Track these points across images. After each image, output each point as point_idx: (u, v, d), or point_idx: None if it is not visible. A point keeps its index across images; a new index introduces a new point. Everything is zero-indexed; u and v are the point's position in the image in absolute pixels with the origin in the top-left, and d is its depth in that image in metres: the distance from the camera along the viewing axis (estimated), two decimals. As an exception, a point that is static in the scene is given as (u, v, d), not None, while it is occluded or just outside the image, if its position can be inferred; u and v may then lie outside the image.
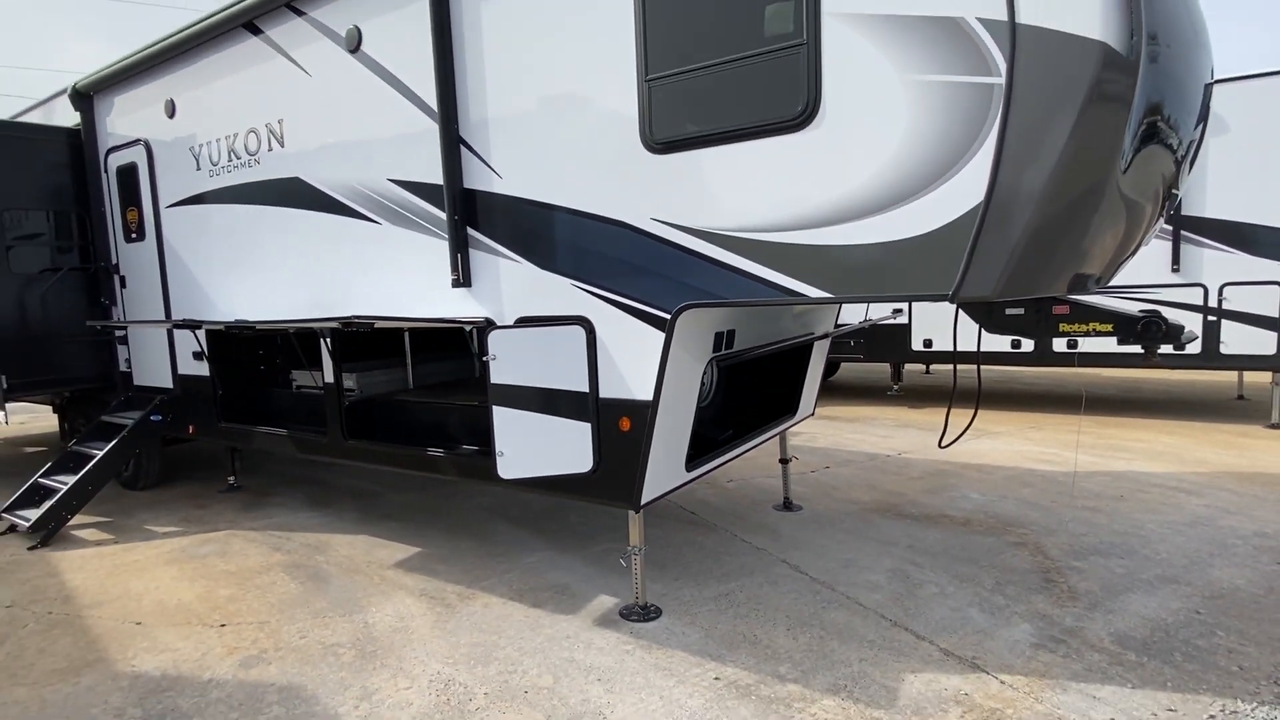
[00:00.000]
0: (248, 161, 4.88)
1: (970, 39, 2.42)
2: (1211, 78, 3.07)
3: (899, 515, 5.25)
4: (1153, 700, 2.90)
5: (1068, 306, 7.06)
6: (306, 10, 4.36)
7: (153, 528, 5.54)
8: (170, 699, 3.13)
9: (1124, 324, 3.76)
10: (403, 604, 4.00)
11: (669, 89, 3.08)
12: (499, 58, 3.62)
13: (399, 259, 4.18)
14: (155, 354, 6.00)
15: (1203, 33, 2.90)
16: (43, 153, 6.18)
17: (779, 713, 2.90)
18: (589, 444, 3.51)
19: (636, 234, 3.27)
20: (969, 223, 2.51)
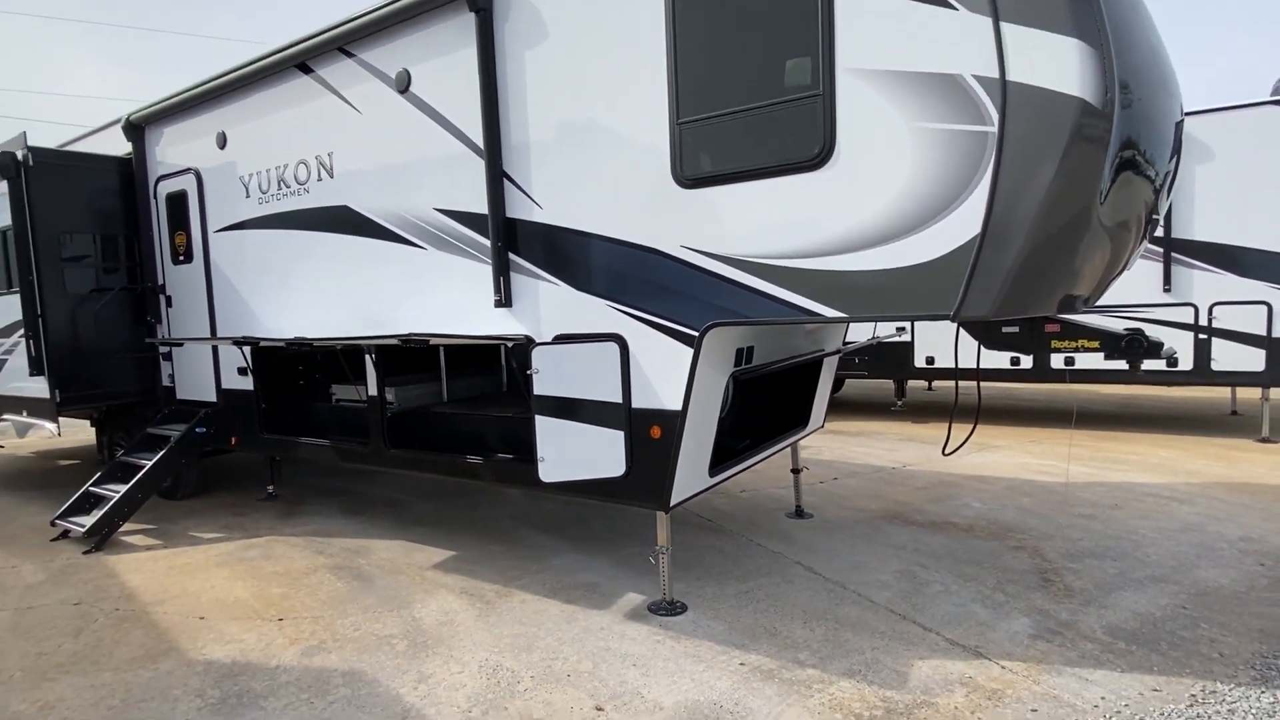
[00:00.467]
0: (297, 190, 5.25)
1: (967, 93, 2.78)
2: (1181, 116, 3.45)
3: (905, 522, 5.55)
4: (1139, 682, 3.20)
5: (1059, 325, 7.41)
6: (358, 53, 4.76)
7: (197, 534, 5.85)
8: (243, 682, 3.43)
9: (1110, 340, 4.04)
10: (445, 601, 4.30)
11: (698, 131, 3.45)
12: (540, 100, 3.99)
13: (442, 281, 4.54)
14: (200, 369, 6.34)
15: (1170, 79, 3.28)
16: (95, 180, 6.57)
17: (800, 693, 3.19)
18: (622, 450, 3.83)
19: (668, 259, 3.62)
20: (968, 251, 2.86)
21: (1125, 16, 2.88)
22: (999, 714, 2.99)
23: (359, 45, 4.72)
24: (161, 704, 3.26)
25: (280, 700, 3.25)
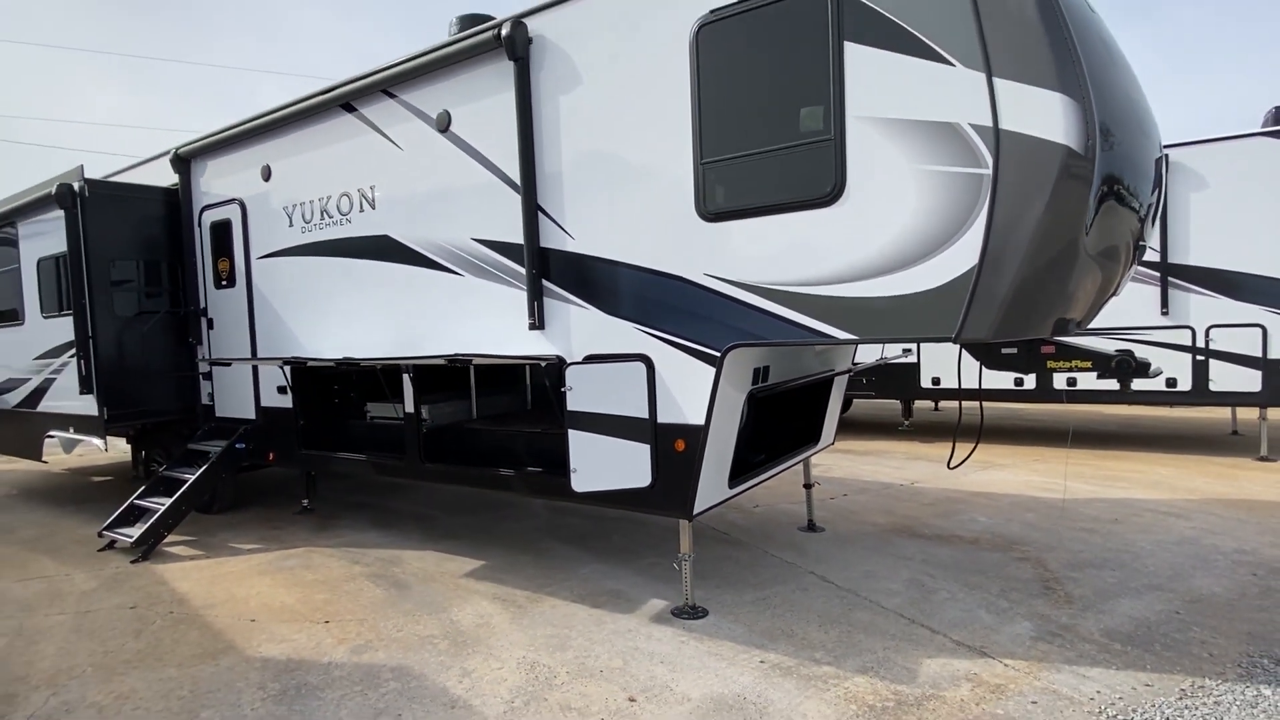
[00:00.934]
0: (340, 220, 5.61)
1: (964, 139, 3.11)
2: (1160, 153, 3.78)
3: (913, 535, 5.80)
4: (1133, 678, 3.44)
5: (1054, 347, 7.70)
6: (400, 95, 5.14)
7: (237, 545, 6.13)
8: (300, 676, 3.70)
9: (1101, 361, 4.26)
10: (480, 605, 4.57)
11: (720, 169, 3.79)
12: (572, 139, 4.35)
13: (478, 305, 4.87)
14: (239, 388, 6.68)
15: (1148, 122, 3.61)
16: (143, 209, 6.96)
17: (817, 687, 3.44)
18: (648, 462, 4.12)
19: (691, 286, 3.94)
20: (967, 280, 3.17)
21: (1104, 70, 3.22)
22: (1002, 706, 3.23)
23: (402, 88, 5.11)
24: (227, 694, 3.53)
25: (336, 692, 3.52)
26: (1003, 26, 3.03)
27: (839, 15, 3.35)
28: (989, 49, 3.04)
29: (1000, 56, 3.03)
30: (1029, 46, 2.99)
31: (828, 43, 3.39)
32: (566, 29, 4.30)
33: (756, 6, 3.57)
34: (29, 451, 7.82)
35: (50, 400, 7.34)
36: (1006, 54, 3.02)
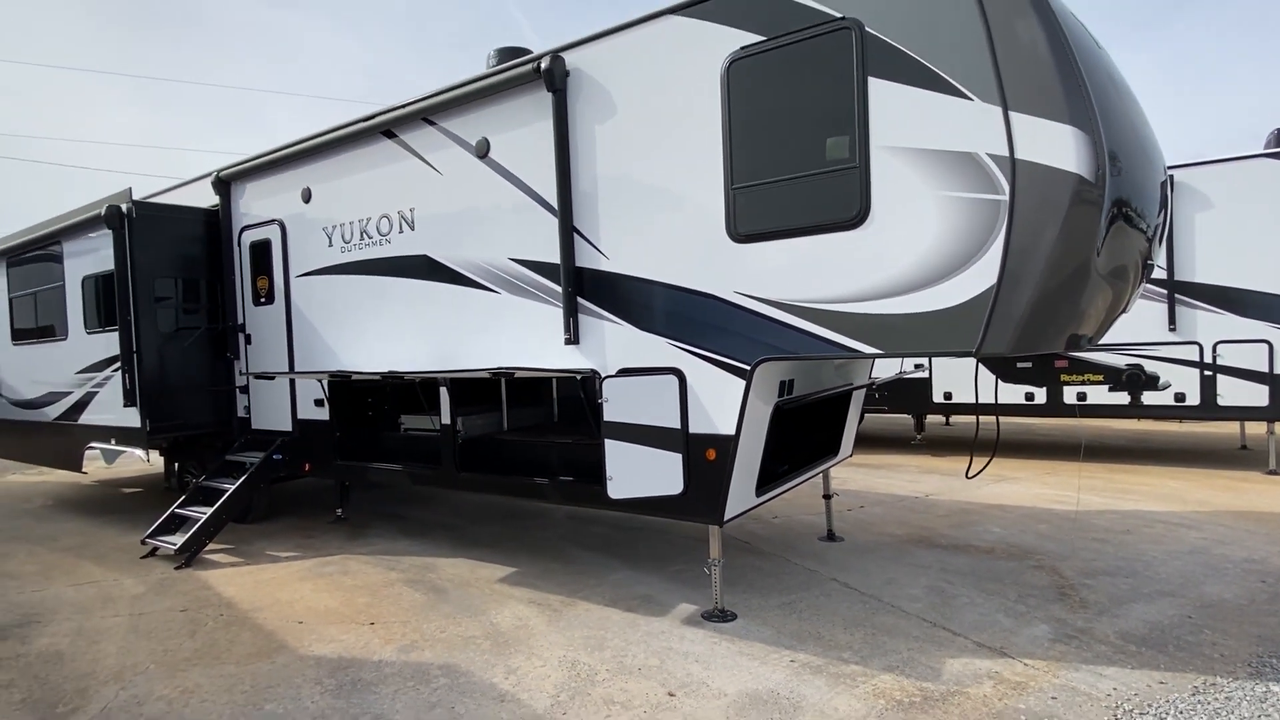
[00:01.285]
0: (379, 240, 5.88)
1: (982, 168, 3.35)
2: (1165, 176, 4.01)
3: (930, 545, 5.97)
4: (1148, 676, 3.61)
5: (1067, 361, 7.89)
6: (440, 123, 5.42)
7: (274, 553, 6.34)
8: (353, 673, 3.90)
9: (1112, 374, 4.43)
10: (516, 609, 4.77)
11: (750, 194, 4.03)
12: (607, 165, 4.60)
13: (514, 321, 5.11)
14: (276, 401, 6.92)
15: (1152, 148, 3.85)
16: (185, 229, 7.25)
17: (846, 684, 3.62)
18: (680, 470, 4.33)
19: (722, 303, 4.17)
20: (986, 298, 3.39)
21: (1112, 103, 3.46)
22: (1024, 701, 3.41)
23: (442, 116, 5.39)
24: (287, 689, 3.73)
25: (390, 687, 3.72)
26: (1017, 64, 3.27)
27: (863, 52, 3.61)
28: (1004, 85, 3.28)
29: (1015, 91, 3.27)
30: (1042, 82, 3.23)
31: (852, 78, 3.64)
32: (603, 62, 4.57)
33: (785, 44, 3.83)
34: (69, 463, 8.07)
35: (91, 413, 7.60)
36: (1021, 89, 3.26)
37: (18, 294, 8.81)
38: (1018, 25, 3.27)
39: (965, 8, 3.36)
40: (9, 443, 9.48)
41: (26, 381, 8.80)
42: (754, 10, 3.93)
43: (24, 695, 3.78)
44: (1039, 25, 3.24)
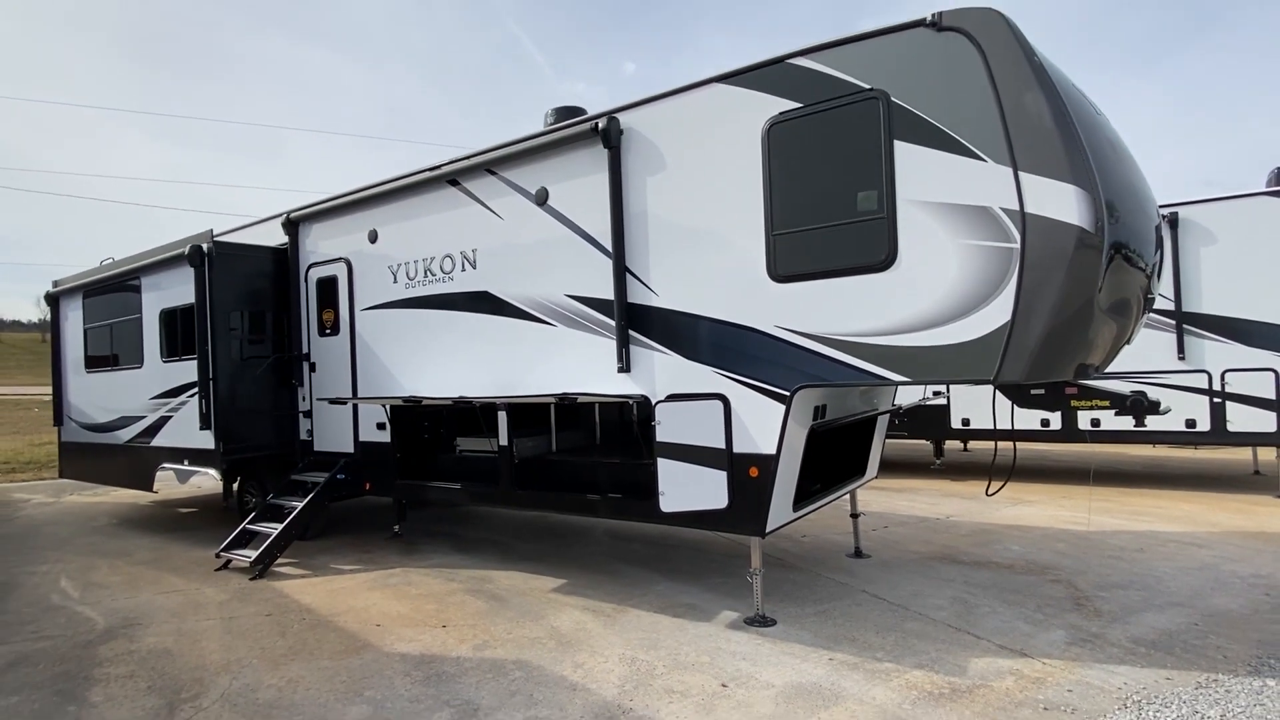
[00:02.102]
0: (442, 278, 6.45)
1: (996, 220, 3.85)
2: (1158, 220, 4.49)
3: (953, 561, 6.35)
4: (1156, 674, 3.99)
5: (1076, 388, 8.29)
6: (501, 173, 6.02)
7: (338, 566, 6.83)
8: (436, 667, 4.35)
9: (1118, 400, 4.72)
10: (573, 615, 5.21)
11: (789, 239, 4.55)
12: (658, 213, 5.15)
13: (569, 351, 5.63)
14: (338, 425, 7.46)
15: (1146, 198, 4.34)
16: (256, 266, 7.88)
17: (881, 678, 4.03)
18: (725, 486, 4.79)
19: (764, 336, 4.67)
20: (1002, 333, 3.86)
21: (1109, 162, 3.96)
22: (1042, 693, 3.80)
23: (503, 167, 5.99)
24: (380, 679, 4.19)
25: (472, 678, 4.17)
26: (1025, 131, 3.79)
27: (889, 119, 4.14)
28: (1015, 149, 3.79)
29: (1024, 155, 3.78)
30: (1047, 147, 3.74)
31: (880, 140, 4.17)
32: (654, 123, 5.15)
33: (820, 110, 4.38)
34: (141, 482, 8.63)
35: (165, 436, 8.18)
36: (1029, 153, 3.77)
37: (93, 325, 9.47)
38: (1026, 98, 3.79)
39: (979, 83, 3.89)
40: (80, 464, 10.08)
41: (99, 407, 9.42)
42: (792, 81, 4.50)
43: (148, 683, 4.26)
44: (1044, 98, 3.76)
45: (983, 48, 3.89)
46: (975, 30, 3.91)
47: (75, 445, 10.02)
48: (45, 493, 12.60)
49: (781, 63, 4.55)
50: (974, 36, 3.91)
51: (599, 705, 3.78)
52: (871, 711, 3.65)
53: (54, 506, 11.07)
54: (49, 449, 18.63)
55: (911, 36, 4.11)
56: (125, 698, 4.07)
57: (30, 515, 10.33)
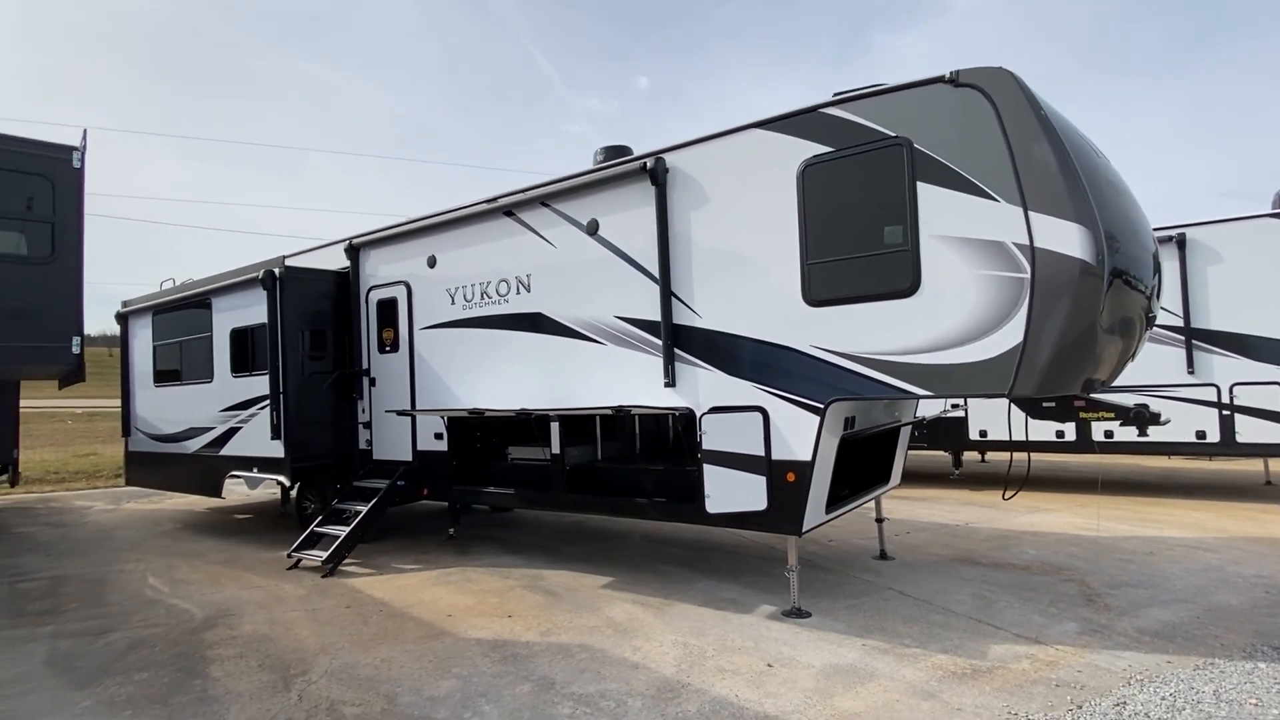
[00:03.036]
0: (498, 300, 7.05)
1: (1009, 253, 4.37)
2: (1155, 247, 4.99)
3: (973, 563, 6.81)
4: (1158, 658, 4.44)
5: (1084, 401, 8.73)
6: (554, 205, 6.61)
7: (399, 566, 7.39)
8: (510, 649, 4.89)
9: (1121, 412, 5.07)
10: (624, 608, 5.72)
11: (822, 268, 5.09)
12: (701, 242, 5.71)
13: (617, 367, 6.18)
14: (397, 435, 8.05)
15: (1143, 229, 4.84)
16: (320, 288, 8.52)
17: (910, 661, 4.51)
18: (764, 490, 5.31)
19: (800, 354, 5.20)
20: (1015, 352, 4.37)
21: (1109, 199, 4.47)
22: (1055, 673, 4.27)
23: (557, 200, 6.58)
24: (462, 660, 4.73)
25: (544, 658, 4.69)
26: (1034, 175, 4.31)
27: (912, 163, 4.69)
28: (1024, 191, 4.32)
29: (1033, 196, 4.31)
30: (1053, 190, 4.26)
31: (904, 182, 4.71)
32: (698, 163, 5.72)
33: (850, 155, 4.93)
34: (211, 489, 9.27)
35: (234, 446, 8.82)
36: (1037, 194, 4.30)
37: (162, 343, 10.17)
38: (1033, 147, 4.32)
39: (992, 132, 4.43)
40: (147, 472, 10.75)
41: (167, 419, 10.09)
42: (825, 128, 5.06)
43: (258, 662, 4.83)
44: (1049, 147, 4.29)
45: (995, 102, 4.43)
46: (988, 86, 4.46)
47: (143, 454, 10.70)
48: (103, 500, 13.32)
49: (814, 111, 5.12)
50: (987, 92, 4.46)
51: (660, 680, 4.30)
52: (903, 687, 4.14)
53: (116, 513, 11.76)
54: (93, 459, 19.48)
55: (932, 91, 4.66)
56: (242, 674, 4.64)
57: (97, 521, 11.01)
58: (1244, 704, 3.80)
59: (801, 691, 4.11)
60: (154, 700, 4.29)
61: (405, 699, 4.17)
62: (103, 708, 4.21)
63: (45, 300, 5.56)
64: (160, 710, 4.14)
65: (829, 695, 4.05)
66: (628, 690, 4.18)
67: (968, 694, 4.02)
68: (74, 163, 5.70)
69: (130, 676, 4.66)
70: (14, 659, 5.07)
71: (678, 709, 3.93)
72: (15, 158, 5.41)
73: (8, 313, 5.38)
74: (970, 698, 3.97)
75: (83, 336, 5.91)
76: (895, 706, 3.90)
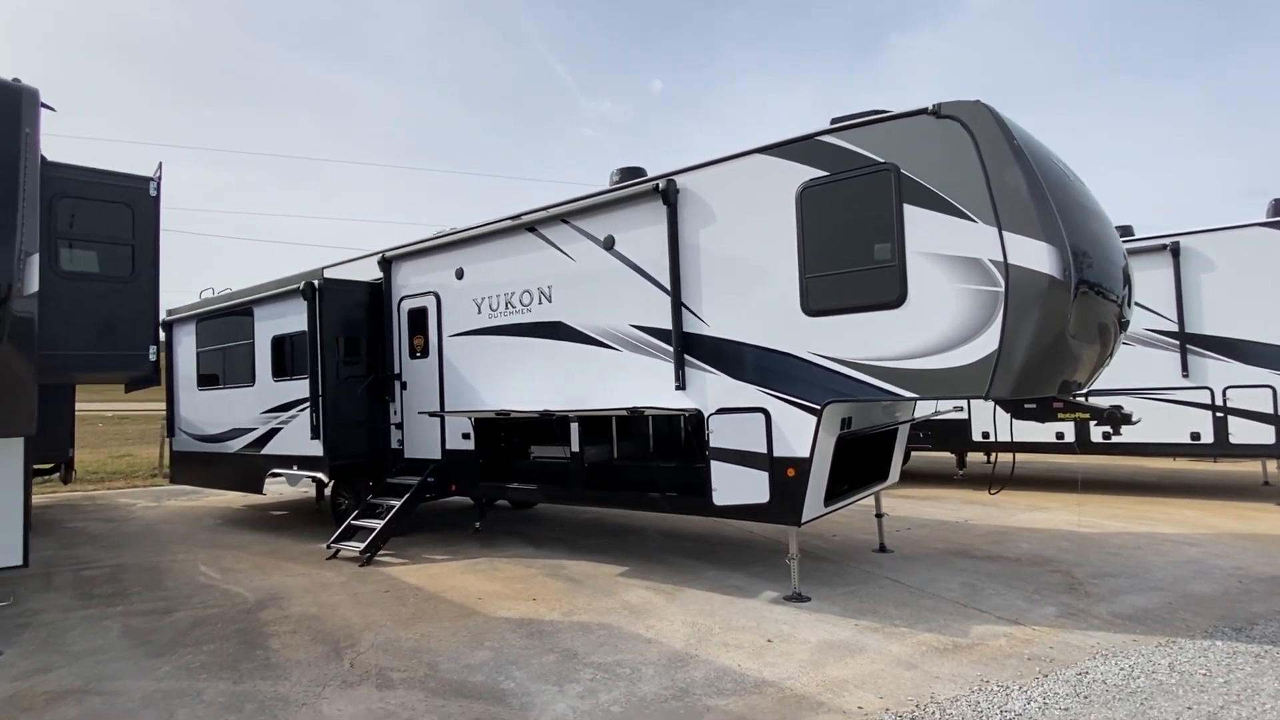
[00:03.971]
0: (520, 310, 7.60)
1: (985, 268, 4.83)
2: (1125, 262, 5.42)
3: (967, 556, 7.24)
4: (1125, 637, 4.87)
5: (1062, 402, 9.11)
6: (574, 222, 7.15)
7: (429, 556, 7.95)
8: (535, 627, 5.41)
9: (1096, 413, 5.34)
10: (638, 593, 6.23)
11: (819, 281, 5.57)
12: (709, 257, 6.21)
13: (631, 372, 6.69)
14: (427, 435, 8.62)
15: (1111, 245, 5.28)
16: (355, 298, 9.12)
17: (897, 639, 4.97)
18: (766, 484, 5.79)
19: (798, 360, 5.68)
20: (991, 358, 4.83)
21: (1078, 219, 4.93)
22: (1028, 649, 4.71)
23: (576, 218, 7.12)
24: (493, 635, 5.26)
25: (567, 634, 5.21)
26: (1007, 199, 4.78)
27: (900, 187, 5.16)
28: (999, 213, 4.78)
29: (1006, 217, 4.77)
30: (1024, 212, 4.72)
31: (892, 204, 5.19)
32: (705, 184, 6.23)
33: (844, 179, 5.42)
34: (252, 486, 9.90)
35: (275, 445, 9.43)
36: (1010, 216, 4.76)
37: (205, 349, 10.84)
38: (1006, 173, 4.78)
39: (970, 160, 4.90)
40: (191, 471, 11.43)
41: (210, 421, 10.75)
42: (821, 154, 5.55)
43: (311, 636, 5.39)
44: (1021, 173, 4.75)
45: (973, 132, 4.90)
46: (967, 118, 4.93)
47: (187, 454, 11.38)
48: (145, 498, 14.04)
49: (812, 139, 5.61)
50: (966, 123, 4.93)
51: (670, 653, 4.80)
52: (888, 659, 4.61)
53: (160, 510, 12.46)
54: (130, 460, 20.31)
55: (917, 121, 5.13)
56: (298, 645, 5.20)
57: (143, 517, 11.70)
58: (1194, 674, 4.23)
59: (797, 662, 4.59)
60: (224, 666, 4.85)
61: (445, 666, 4.70)
62: (180, 672, 4.78)
63: (127, 314, 6.19)
64: (231, 674, 4.71)
65: (821, 665, 4.53)
66: (642, 660, 4.69)
67: (946, 665, 4.48)
68: (150, 191, 6.33)
69: (199, 648, 5.24)
70: (94, 633, 5.67)
71: (686, 675, 4.42)
72: (101, 189, 6.05)
73: (96, 325, 6.02)
74: (948, 668, 4.44)
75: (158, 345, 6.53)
76: (880, 675, 4.37)
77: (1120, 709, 3.82)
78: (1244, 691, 3.97)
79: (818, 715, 3.87)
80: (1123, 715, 3.74)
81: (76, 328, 5.79)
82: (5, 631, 5.71)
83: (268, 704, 4.23)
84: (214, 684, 4.56)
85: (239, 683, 4.56)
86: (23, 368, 3.97)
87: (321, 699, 4.27)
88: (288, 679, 4.59)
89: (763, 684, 4.28)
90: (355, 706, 4.15)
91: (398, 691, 4.33)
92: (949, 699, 4.00)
